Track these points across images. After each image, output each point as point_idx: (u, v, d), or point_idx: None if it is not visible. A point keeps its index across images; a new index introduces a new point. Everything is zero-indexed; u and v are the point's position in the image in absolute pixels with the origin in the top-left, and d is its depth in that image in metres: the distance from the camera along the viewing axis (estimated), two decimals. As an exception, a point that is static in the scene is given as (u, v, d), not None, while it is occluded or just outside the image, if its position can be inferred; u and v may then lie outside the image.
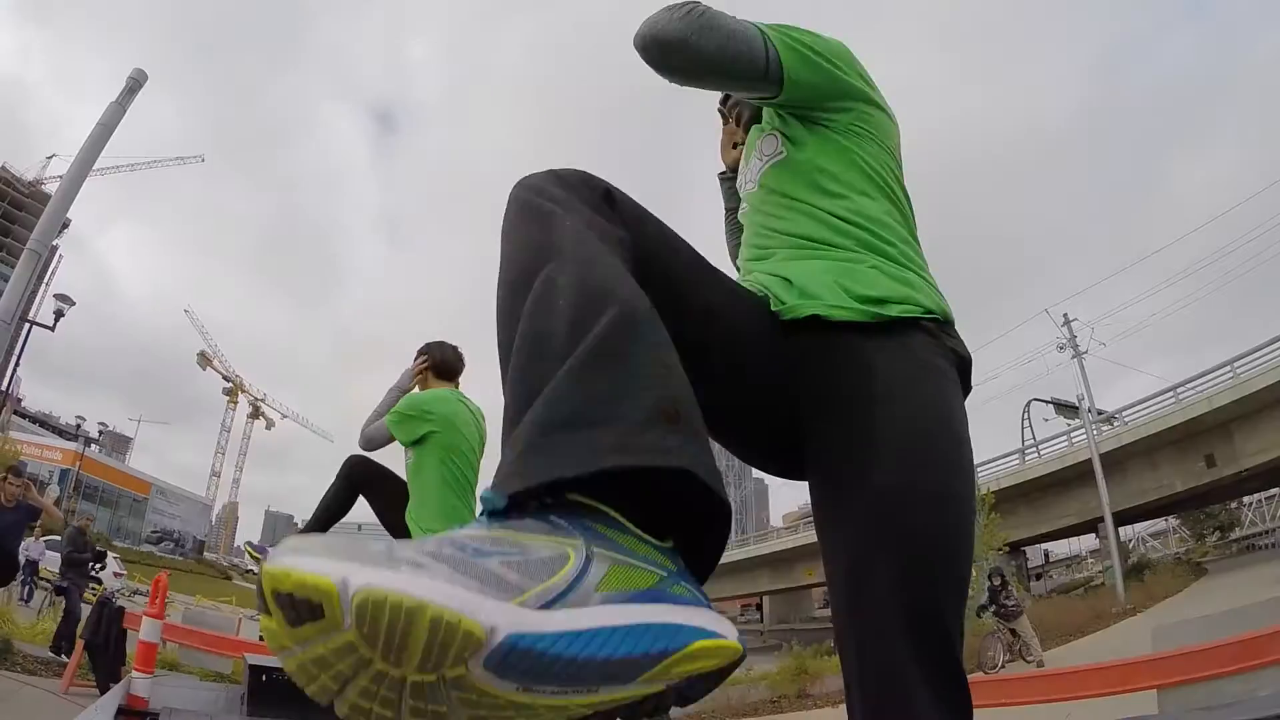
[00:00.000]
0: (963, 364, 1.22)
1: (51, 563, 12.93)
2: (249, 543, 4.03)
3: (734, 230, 1.83)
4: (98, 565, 10.48)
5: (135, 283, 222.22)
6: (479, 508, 0.67)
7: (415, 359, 3.68)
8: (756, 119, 1.63)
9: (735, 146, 1.80)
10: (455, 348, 3.74)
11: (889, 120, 1.46)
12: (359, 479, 3.63)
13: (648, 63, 1.27)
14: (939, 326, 1.21)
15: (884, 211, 1.36)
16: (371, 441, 3.53)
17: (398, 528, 3.43)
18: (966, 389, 1.23)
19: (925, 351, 1.16)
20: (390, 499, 3.51)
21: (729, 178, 1.87)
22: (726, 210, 1.90)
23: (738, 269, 1.69)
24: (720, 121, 1.86)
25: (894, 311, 1.16)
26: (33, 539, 14.30)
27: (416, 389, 3.66)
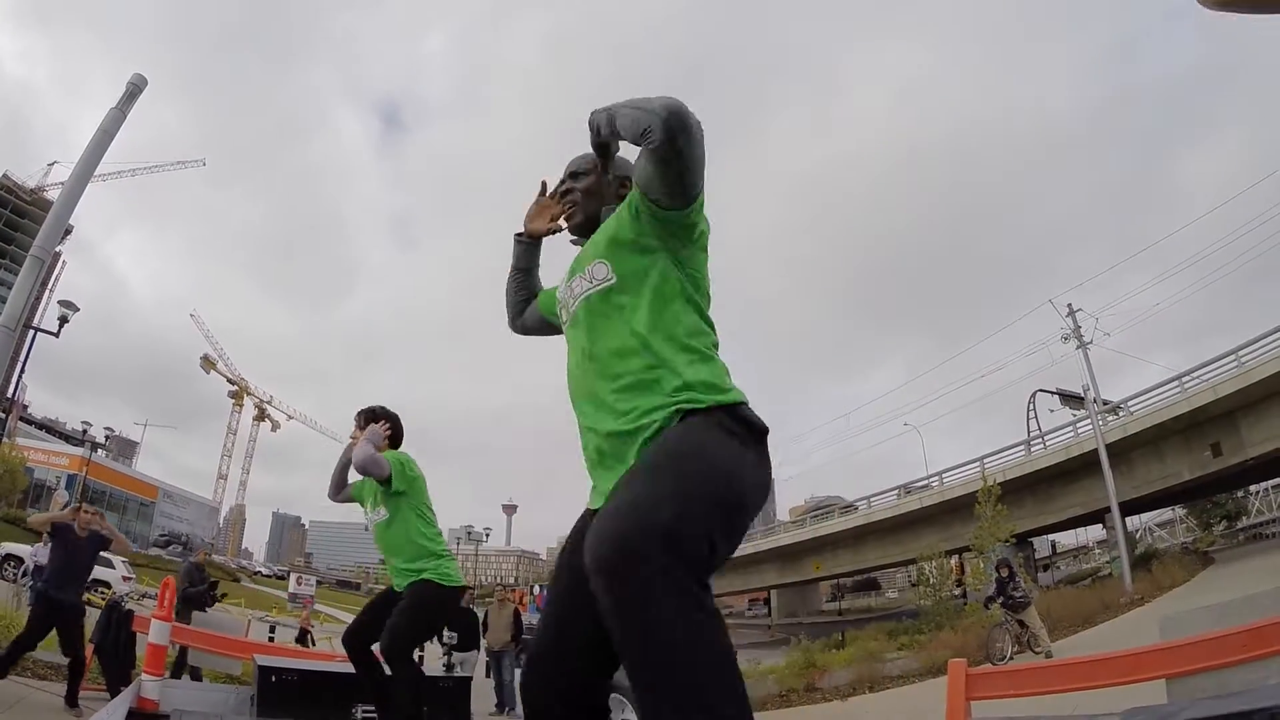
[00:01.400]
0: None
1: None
2: None
3: (521, 286, 2.21)
4: (213, 595, 10.49)
5: (141, 287, 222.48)
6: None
7: (366, 421, 3.96)
8: (593, 227, 1.90)
9: (550, 221, 2.09)
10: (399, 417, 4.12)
11: None
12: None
13: (666, 121, 1.48)
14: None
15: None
16: (366, 471, 3.75)
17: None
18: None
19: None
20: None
21: (525, 242, 2.17)
22: (516, 270, 2.19)
23: (517, 326, 2.26)
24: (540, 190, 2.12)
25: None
26: (41, 544, 14.36)
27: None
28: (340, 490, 4.21)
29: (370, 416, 3.98)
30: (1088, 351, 27.13)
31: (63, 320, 16.60)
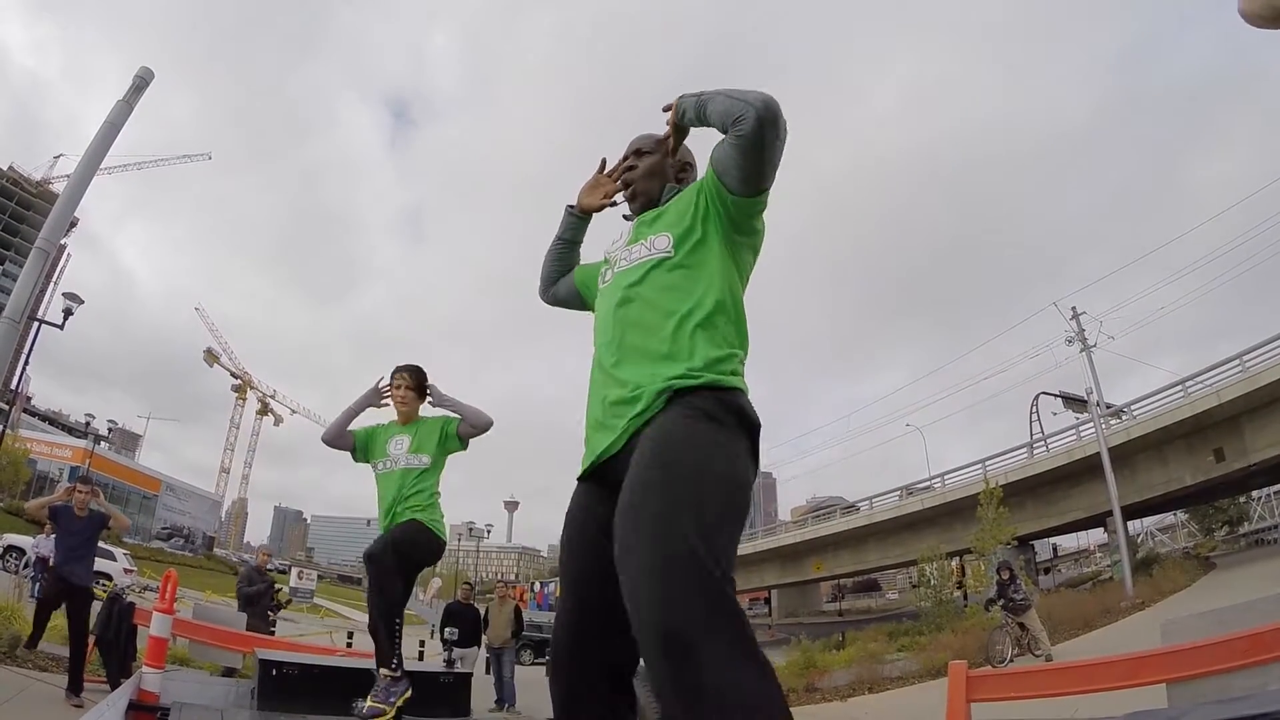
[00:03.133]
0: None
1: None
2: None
3: (562, 257, 2.23)
4: (275, 604, 10.24)
5: (147, 280, 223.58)
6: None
7: (415, 379, 4.16)
8: (650, 205, 1.96)
9: (605, 197, 2.12)
10: None
11: None
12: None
13: (759, 113, 1.58)
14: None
15: None
16: (488, 427, 4.09)
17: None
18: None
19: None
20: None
21: (577, 215, 2.20)
22: (561, 240, 2.23)
23: (547, 293, 2.28)
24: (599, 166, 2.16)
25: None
26: (43, 535, 14.38)
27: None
28: (342, 434, 4.22)
29: (424, 378, 4.19)
30: (1091, 354, 27.11)
31: (67, 313, 16.63)
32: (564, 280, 2.23)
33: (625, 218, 2.08)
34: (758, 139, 1.59)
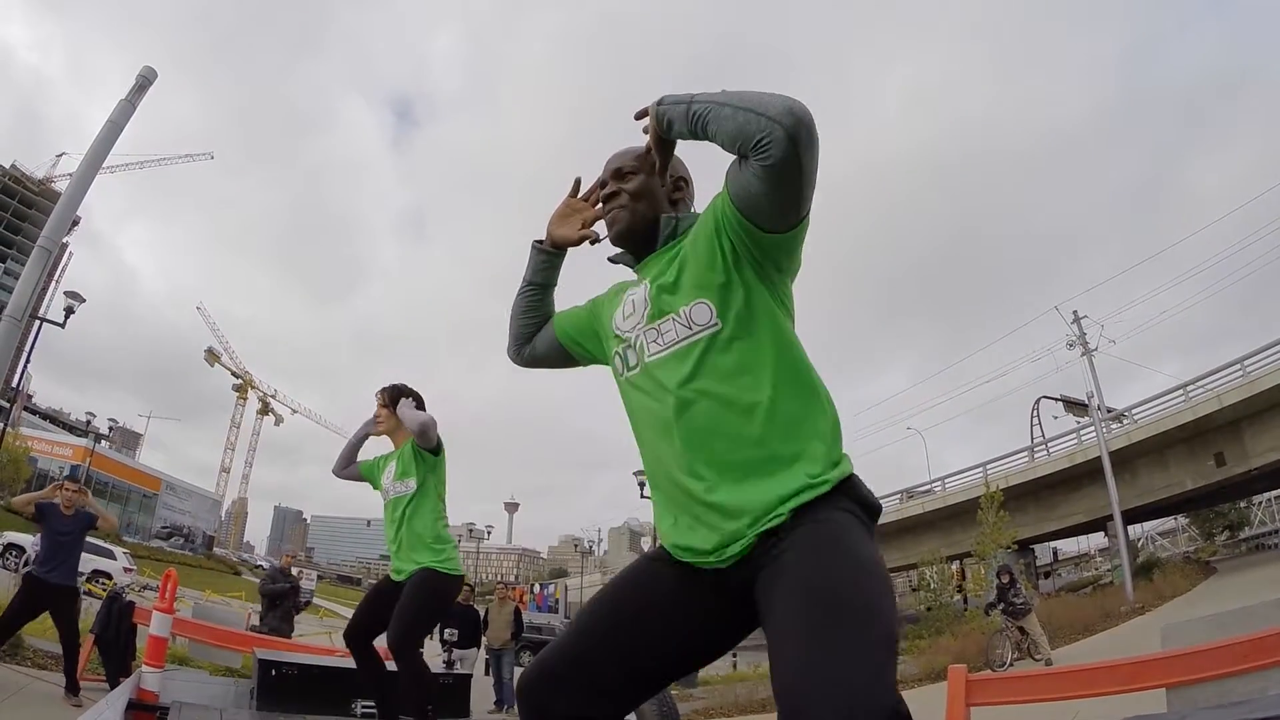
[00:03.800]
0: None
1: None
2: None
3: (534, 306, 1.83)
4: (296, 601, 10.15)
5: (150, 279, 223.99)
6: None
7: (391, 398, 3.95)
8: (643, 246, 1.62)
9: (583, 227, 1.72)
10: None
11: None
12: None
13: (790, 133, 1.23)
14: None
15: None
16: (426, 432, 3.75)
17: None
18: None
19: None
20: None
21: (548, 251, 1.78)
22: (531, 284, 1.82)
23: (520, 353, 1.89)
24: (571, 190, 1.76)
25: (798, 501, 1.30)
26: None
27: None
28: (347, 466, 4.16)
29: (396, 393, 3.94)
30: (1092, 359, 27.11)
31: (69, 311, 16.62)
32: (542, 335, 1.84)
33: (611, 260, 1.71)
34: (792, 165, 1.25)
